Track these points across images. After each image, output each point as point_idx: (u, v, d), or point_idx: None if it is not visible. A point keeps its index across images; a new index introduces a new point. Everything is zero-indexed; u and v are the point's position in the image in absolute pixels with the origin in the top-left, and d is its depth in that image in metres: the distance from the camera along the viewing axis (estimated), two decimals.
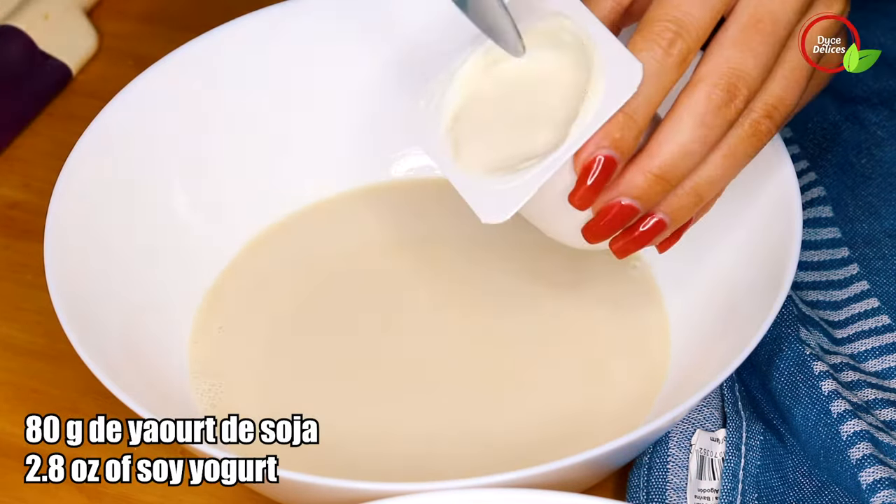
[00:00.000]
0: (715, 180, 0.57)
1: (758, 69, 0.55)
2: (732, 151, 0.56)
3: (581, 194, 0.57)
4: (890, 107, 0.77)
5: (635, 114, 0.55)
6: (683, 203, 0.58)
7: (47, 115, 0.83)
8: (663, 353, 0.66)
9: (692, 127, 0.55)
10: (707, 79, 0.55)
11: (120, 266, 0.67)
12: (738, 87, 0.55)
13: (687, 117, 0.55)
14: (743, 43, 0.55)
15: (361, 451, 0.63)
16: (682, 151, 0.56)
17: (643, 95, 0.55)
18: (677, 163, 0.56)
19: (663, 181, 0.56)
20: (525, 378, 0.66)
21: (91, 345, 0.60)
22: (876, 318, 0.67)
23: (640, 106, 0.55)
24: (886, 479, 0.60)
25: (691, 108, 0.55)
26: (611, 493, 0.64)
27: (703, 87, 0.55)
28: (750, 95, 0.55)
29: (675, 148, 0.56)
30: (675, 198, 0.57)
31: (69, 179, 0.66)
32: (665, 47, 0.55)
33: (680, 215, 0.58)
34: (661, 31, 0.55)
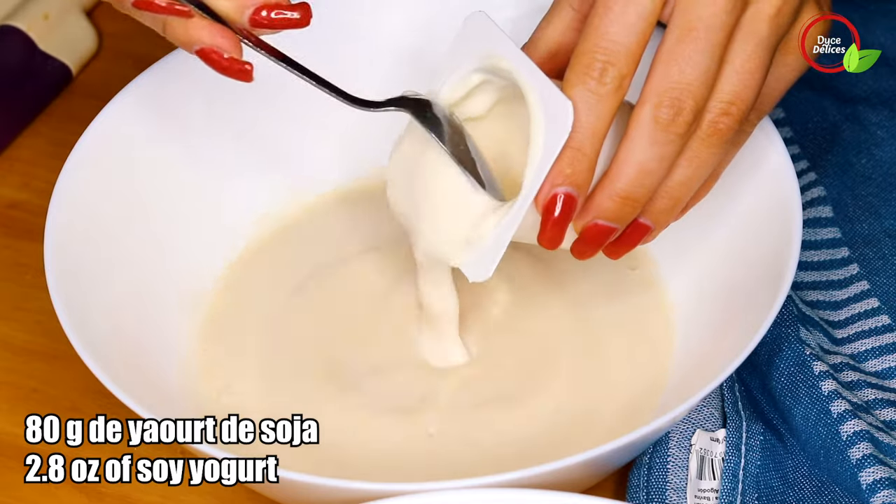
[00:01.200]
0: (686, 181, 0.58)
1: (699, 77, 0.56)
2: (696, 154, 0.57)
3: (548, 235, 0.58)
4: (890, 107, 0.77)
5: (582, 146, 0.57)
6: (661, 207, 0.59)
7: (47, 115, 0.83)
8: (665, 353, 0.66)
9: (645, 147, 0.56)
10: (650, 98, 0.56)
11: (120, 266, 0.67)
12: (682, 99, 0.56)
13: (638, 139, 0.56)
14: (679, 55, 0.56)
15: (361, 451, 0.63)
16: (641, 171, 0.57)
17: (586, 128, 0.56)
18: (639, 182, 0.57)
19: (631, 201, 0.58)
20: (525, 378, 0.66)
21: (91, 345, 0.60)
22: (876, 318, 0.67)
23: (585, 139, 0.56)
24: (886, 479, 0.60)
25: (641, 130, 0.56)
26: (611, 493, 0.64)
27: (648, 108, 0.56)
28: (697, 104, 0.56)
29: (634, 169, 0.57)
30: (652, 204, 0.59)
31: (69, 179, 0.66)
32: (597, 78, 0.56)
33: (662, 219, 0.59)
34: (590, 63, 0.56)
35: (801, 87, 0.78)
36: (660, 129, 0.56)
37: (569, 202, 0.57)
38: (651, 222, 0.59)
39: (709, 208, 0.68)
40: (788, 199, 0.64)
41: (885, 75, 0.78)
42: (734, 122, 0.57)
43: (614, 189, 0.57)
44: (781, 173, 0.65)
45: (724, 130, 0.57)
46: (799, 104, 0.78)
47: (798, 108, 0.78)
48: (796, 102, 0.78)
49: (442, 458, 0.63)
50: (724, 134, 0.57)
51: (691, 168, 0.57)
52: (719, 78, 0.56)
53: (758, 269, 0.64)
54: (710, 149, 0.57)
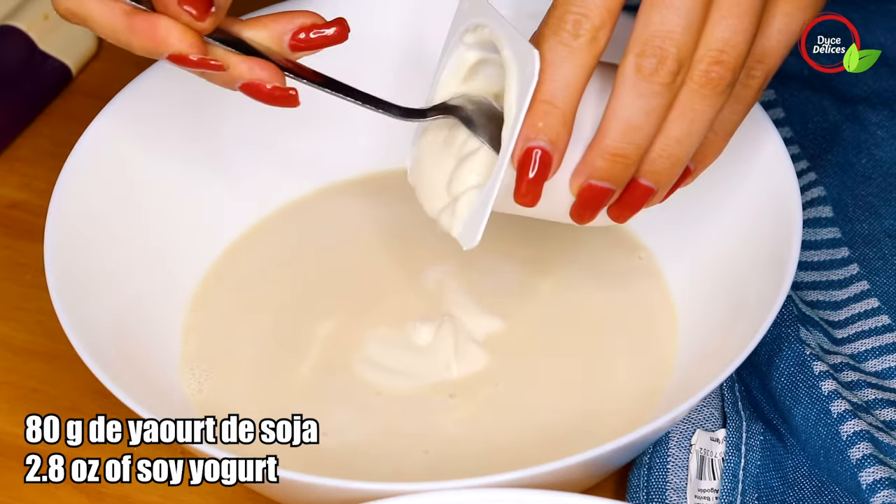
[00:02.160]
0: (682, 138, 0.56)
1: (681, 24, 0.54)
2: (690, 107, 0.56)
3: (523, 191, 0.57)
4: (890, 107, 0.77)
5: (555, 99, 0.55)
6: (660, 167, 0.57)
7: (47, 115, 0.83)
8: (665, 353, 0.66)
9: (631, 100, 0.55)
10: (632, 48, 0.55)
11: (120, 265, 0.67)
12: (664, 48, 0.54)
13: (623, 92, 0.55)
14: (661, 4, 0.54)
15: (361, 451, 0.63)
16: (628, 126, 0.56)
17: (558, 80, 0.55)
18: (627, 138, 0.56)
19: (621, 158, 0.56)
20: (526, 377, 0.66)
21: (91, 345, 0.60)
22: (876, 318, 0.67)
23: (557, 90, 0.55)
24: (886, 479, 0.60)
25: (625, 82, 0.55)
26: (611, 493, 0.64)
27: (630, 58, 0.55)
28: (680, 52, 0.54)
29: (620, 124, 0.56)
30: (650, 164, 0.57)
31: (69, 179, 0.66)
32: (570, 31, 0.55)
33: (662, 178, 0.58)
34: (563, 16, 0.55)
35: (801, 87, 0.78)
36: (643, 79, 0.54)
37: (544, 158, 0.56)
38: (652, 183, 0.58)
39: (708, 208, 0.68)
40: (788, 200, 0.64)
41: (885, 75, 0.78)
42: (727, 71, 0.55)
43: (603, 146, 0.56)
44: (781, 174, 0.65)
45: (717, 80, 0.55)
46: (799, 104, 0.78)
47: (798, 108, 0.78)
48: (796, 102, 0.78)
49: (442, 458, 0.63)
50: (717, 84, 0.55)
51: (686, 122, 0.56)
52: (707, 26, 0.55)
53: (758, 269, 0.63)
54: (704, 100, 0.55)
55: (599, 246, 0.71)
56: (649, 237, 0.71)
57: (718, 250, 0.67)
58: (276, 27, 0.59)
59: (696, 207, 0.69)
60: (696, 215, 0.69)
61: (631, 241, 0.71)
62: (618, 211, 0.59)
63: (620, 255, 0.70)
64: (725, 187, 0.67)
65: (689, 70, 0.55)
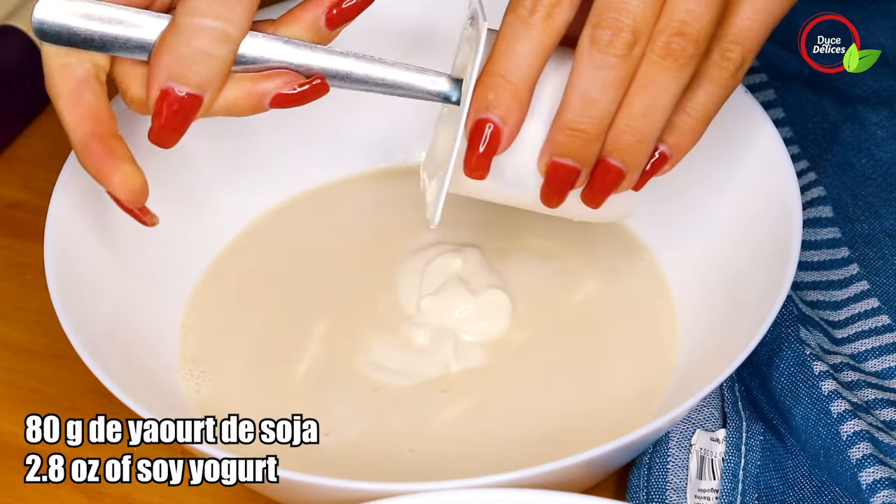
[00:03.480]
0: (646, 111, 0.56)
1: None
2: (651, 80, 0.55)
3: (472, 163, 0.57)
4: (890, 107, 0.77)
5: (508, 74, 0.55)
6: (625, 143, 0.57)
7: (47, 115, 0.83)
8: (666, 352, 0.66)
9: (588, 73, 0.55)
10: (590, 21, 0.54)
11: (120, 266, 0.67)
12: (620, 19, 0.54)
13: (581, 65, 0.55)
14: None
15: (361, 450, 0.63)
16: (585, 100, 0.55)
17: (514, 56, 0.55)
18: (585, 111, 0.55)
19: (580, 132, 0.56)
20: (526, 376, 0.66)
21: (91, 345, 0.60)
22: (876, 318, 0.67)
23: (511, 65, 0.55)
24: (886, 479, 0.60)
25: (582, 55, 0.55)
26: (611, 493, 0.64)
27: (587, 30, 0.54)
28: (637, 24, 0.54)
29: (577, 99, 0.55)
30: (614, 140, 0.57)
31: (69, 179, 0.66)
32: (528, 7, 0.55)
33: (630, 157, 0.57)
34: None
35: (801, 87, 0.78)
36: (598, 51, 0.54)
37: (493, 132, 0.56)
38: (620, 163, 0.57)
39: (708, 208, 0.68)
40: (788, 200, 0.64)
41: (885, 75, 0.78)
42: (688, 43, 0.54)
43: (562, 121, 0.56)
44: (781, 173, 0.65)
45: (678, 51, 0.54)
46: (799, 104, 0.78)
47: (798, 108, 0.78)
48: (796, 102, 0.78)
49: (441, 458, 0.63)
50: (678, 55, 0.54)
51: (648, 96, 0.55)
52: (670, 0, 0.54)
53: (758, 269, 0.63)
54: (667, 73, 0.55)
55: (600, 246, 0.71)
56: (649, 237, 0.71)
57: (718, 250, 0.67)
58: (307, 16, 0.59)
59: (696, 207, 0.69)
60: (696, 215, 0.69)
61: (631, 240, 0.71)
62: (590, 194, 0.59)
63: (621, 255, 0.70)
64: (725, 187, 0.67)
65: (651, 42, 0.54)
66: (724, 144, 0.67)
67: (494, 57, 0.55)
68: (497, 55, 0.55)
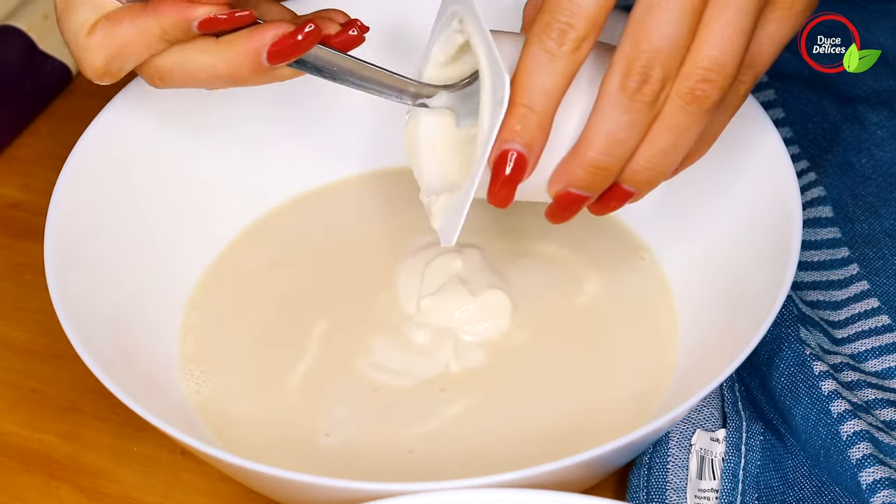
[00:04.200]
0: (668, 150, 0.57)
1: (668, 46, 0.55)
2: (676, 122, 0.56)
3: (497, 194, 0.57)
4: (890, 107, 0.77)
5: (533, 104, 0.56)
6: (643, 177, 0.58)
7: (47, 115, 0.83)
8: (666, 352, 0.66)
9: (614, 115, 0.56)
10: (616, 65, 0.55)
11: (120, 266, 0.67)
12: (649, 67, 0.55)
13: (607, 107, 0.56)
14: (648, 23, 0.54)
15: (360, 449, 0.63)
16: (611, 140, 0.56)
17: (536, 86, 0.56)
18: (609, 151, 0.56)
19: (602, 170, 0.57)
20: (526, 376, 0.66)
21: (91, 345, 0.60)
22: (876, 318, 0.67)
23: (535, 96, 0.56)
24: (886, 479, 0.60)
25: (608, 98, 0.56)
26: (611, 493, 0.64)
27: (615, 76, 0.55)
28: (665, 73, 0.55)
29: (603, 138, 0.56)
30: (633, 173, 0.58)
31: (69, 179, 0.66)
32: (555, 39, 0.55)
33: (644, 187, 0.58)
34: (549, 23, 0.55)
35: (801, 87, 0.78)
36: (626, 97, 0.55)
37: (519, 161, 0.56)
38: (634, 188, 0.58)
39: (708, 208, 0.68)
40: (788, 200, 0.64)
41: (885, 75, 0.78)
42: (714, 90, 0.55)
43: (585, 158, 0.56)
44: (781, 174, 0.65)
45: (703, 98, 0.55)
46: (799, 104, 0.78)
47: (798, 108, 0.78)
48: (796, 102, 0.78)
49: (441, 458, 0.63)
50: (704, 102, 0.55)
51: (672, 136, 0.56)
52: (697, 43, 0.55)
53: (758, 269, 0.64)
54: (690, 116, 0.56)
55: (600, 246, 0.71)
56: (650, 237, 0.71)
57: (718, 250, 0.67)
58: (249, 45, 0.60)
59: (696, 207, 0.69)
60: (696, 215, 0.69)
61: (632, 241, 0.71)
62: (597, 208, 0.60)
63: (621, 256, 0.70)
64: (725, 187, 0.67)
65: (677, 85, 0.55)
66: (724, 144, 0.67)
67: (518, 87, 0.56)
68: (522, 86, 0.56)
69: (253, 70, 0.60)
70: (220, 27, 0.59)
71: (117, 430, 0.66)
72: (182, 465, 0.65)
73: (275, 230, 0.73)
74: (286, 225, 0.74)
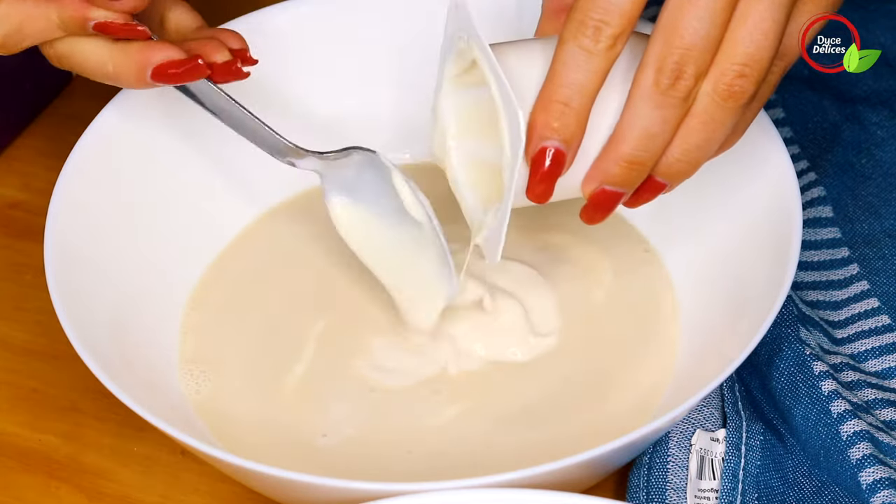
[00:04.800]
0: (704, 144, 0.57)
1: (700, 42, 0.55)
2: (712, 117, 0.56)
3: (537, 190, 0.58)
4: (890, 107, 0.77)
5: (570, 101, 0.56)
6: (677, 170, 0.58)
7: (47, 115, 0.83)
8: (666, 353, 0.66)
9: (647, 112, 0.56)
10: (649, 62, 0.55)
11: (120, 266, 0.67)
12: (682, 64, 0.55)
13: (640, 103, 0.56)
14: (680, 20, 0.55)
15: (360, 451, 0.63)
16: (645, 135, 0.56)
17: (576, 83, 0.56)
18: (644, 146, 0.57)
19: (637, 165, 0.57)
20: (526, 377, 0.66)
21: (91, 345, 0.60)
22: (876, 318, 0.67)
23: (573, 94, 0.56)
24: (886, 479, 0.60)
25: (642, 94, 0.56)
26: (611, 493, 0.64)
27: (648, 72, 0.56)
28: (699, 69, 0.55)
29: (637, 133, 0.56)
30: (667, 166, 0.58)
31: (69, 179, 0.66)
32: (590, 36, 0.55)
33: (678, 178, 0.59)
34: (584, 20, 0.55)
35: (801, 87, 0.78)
36: (659, 93, 0.55)
37: (558, 156, 0.57)
38: (666, 180, 0.59)
39: (709, 208, 0.68)
40: (788, 199, 0.64)
41: (885, 75, 0.78)
42: (751, 84, 0.56)
43: (619, 153, 0.57)
44: (781, 173, 0.65)
45: (739, 94, 0.56)
46: (799, 104, 0.78)
47: (798, 108, 0.78)
48: (796, 102, 0.78)
49: (441, 458, 0.63)
50: (740, 97, 0.56)
51: (707, 131, 0.57)
52: (732, 38, 0.55)
53: (758, 269, 0.64)
54: (726, 112, 0.56)
55: (600, 246, 0.71)
56: (649, 237, 0.71)
57: (719, 250, 0.67)
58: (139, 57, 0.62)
59: (697, 208, 0.69)
60: (697, 215, 0.69)
61: (632, 241, 0.71)
62: (629, 202, 0.60)
63: (621, 256, 0.70)
64: (726, 187, 0.67)
65: (713, 81, 0.56)
66: None
67: (555, 84, 0.56)
68: (558, 83, 0.56)
69: (137, 81, 0.62)
70: (114, 33, 0.62)
71: (117, 430, 0.66)
72: (182, 465, 0.65)
73: (274, 230, 0.73)
74: (286, 225, 0.74)
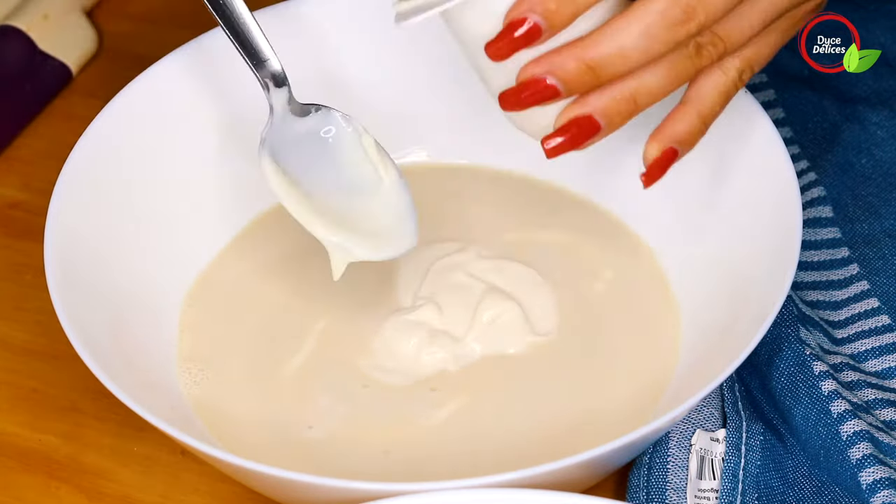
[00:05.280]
0: (654, 91, 0.56)
1: (723, 2, 0.55)
2: (675, 68, 0.56)
3: (498, 46, 0.56)
4: (890, 107, 0.77)
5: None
6: (619, 108, 0.57)
7: (47, 115, 0.83)
8: (666, 353, 0.66)
9: (637, 35, 0.55)
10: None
11: (120, 265, 0.67)
12: (698, 11, 0.55)
13: (635, 23, 0.55)
14: None
15: (358, 450, 0.63)
16: (620, 54, 0.55)
17: None
18: (612, 61, 0.56)
19: (593, 73, 0.56)
20: (525, 377, 0.66)
21: (91, 344, 0.60)
22: (876, 318, 0.67)
23: None
24: (886, 479, 0.60)
25: (643, 17, 0.55)
26: (611, 493, 0.64)
27: (663, 1, 0.55)
28: (705, 23, 0.55)
29: (614, 48, 0.55)
30: (611, 101, 0.57)
31: (69, 179, 0.66)
32: None
33: (614, 120, 0.57)
34: None
35: (801, 87, 0.78)
36: (663, 26, 0.55)
37: (534, 31, 0.55)
38: (602, 118, 0.57)
39: (708, 208, 0.68)
40: (788, 200, 0.64)
41: (885, 75, 0.78)
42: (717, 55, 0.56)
43: (585, 55, 0.56)
44: (781, 173, 0.65)
45: (706, 57, 0.56)
46: (799, 104, 0.78)
47: (798, 108, 0.78)
48: (796, 102, 0.78)
49: (442, 457, 0.63)
50: (705, 60, 0.56)
51: (664, 78, 0.56)
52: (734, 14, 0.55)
53: (758, 269, 0.64)
54: (688, 68, 0.56)
55: (600, 246, 0.71)
56: (650, 237, 0.71)
57: (719, 250, 0.67)
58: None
59: (696, 207, 0.69)
60: (696, 215, 0.69)
61: (632, 241, 0.71)
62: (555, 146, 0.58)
63: (621, 256, 0.70)
64: (725, 187, 0.67)
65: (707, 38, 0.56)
66: (724, 144, 0.67)
67: None
68: None
69: None
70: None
71: (117, 430, 0.66)
72: (182, 465, 0.65)
73: (274, 230, 0.73)
74: (285, 224, 0.73)
